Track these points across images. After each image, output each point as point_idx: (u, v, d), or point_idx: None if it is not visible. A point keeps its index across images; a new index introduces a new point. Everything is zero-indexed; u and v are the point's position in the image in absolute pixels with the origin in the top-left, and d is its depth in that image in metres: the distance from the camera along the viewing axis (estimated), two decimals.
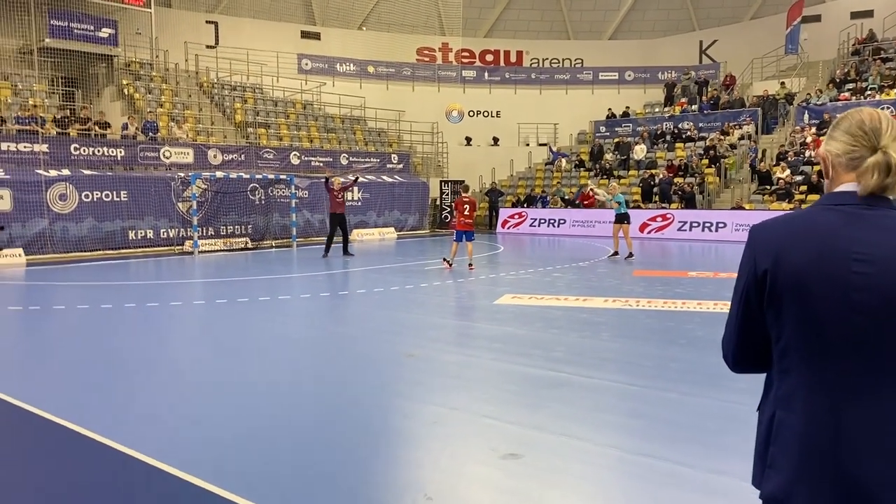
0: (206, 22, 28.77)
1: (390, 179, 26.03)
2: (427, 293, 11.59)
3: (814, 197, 19.75)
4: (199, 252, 18.77)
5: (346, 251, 17.48)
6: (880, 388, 1.71)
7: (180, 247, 19.36)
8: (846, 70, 26.57)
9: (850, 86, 25.42)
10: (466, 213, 14.30)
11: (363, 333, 8.48)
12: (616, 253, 16.74)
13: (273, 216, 21.70)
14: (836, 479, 1.74)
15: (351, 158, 25.63)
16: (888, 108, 22.55)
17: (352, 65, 31.73)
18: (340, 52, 31.62)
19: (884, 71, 25.28)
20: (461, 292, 11.81)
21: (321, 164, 24.44)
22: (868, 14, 28.62)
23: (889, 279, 1.68)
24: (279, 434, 4.90)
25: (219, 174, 20.12)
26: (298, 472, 4.25)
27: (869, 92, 24.46)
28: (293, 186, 21.31)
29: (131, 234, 19.10)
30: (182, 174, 19.90)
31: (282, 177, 21.71)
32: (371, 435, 4.89)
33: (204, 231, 19.86)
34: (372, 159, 26.39)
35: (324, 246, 17.76)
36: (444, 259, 14.85)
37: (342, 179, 18.83)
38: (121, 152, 19.94)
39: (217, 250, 19.49)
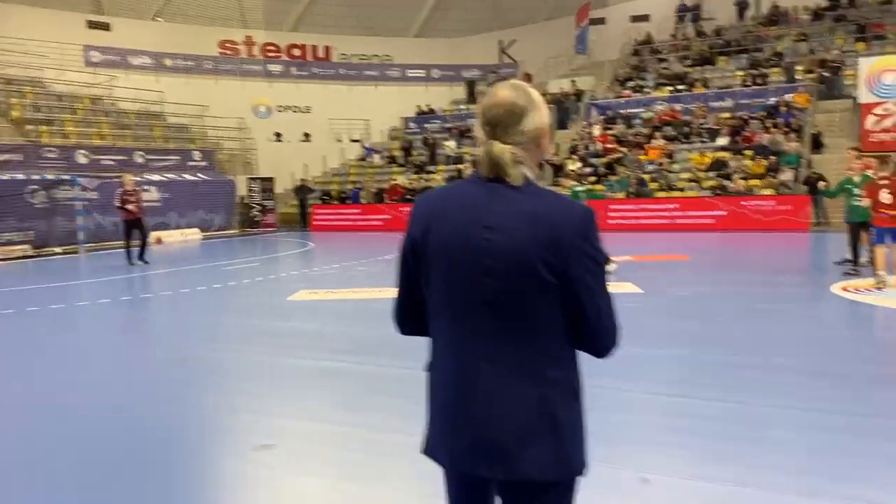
0: None
1: (192, 178, 24.80)
2: (223, 294, 11.19)
3: (600, 187, 21.31)
4: None
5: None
6: (506, 345, 1.83)
7: None
8: (627, 69, 28.97)
9: (631, 83, 27.73)
10: None
11: (144, 339, 8.04)
12: None
13: (57, 220, 19.83)
14: (468, 432, 1.83)
15: (147, 156, 24.12)
16: (662, 104, 24.91)
17: (147, 57, 29.80)
18: (133, 43, 29.58)
19: (659, 70, 27.86)
20: (257, 290, 11.51)
21: (113, 163, 22.78)
22: (645, 18, 31.40)
23: (508, 245, 1.80)
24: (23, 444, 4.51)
25: None
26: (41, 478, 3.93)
27: (646, 89, 26.85)
28: (78, 187, 19.64)
29: None
30: None
31: (64, 177, 19.94)
32: (126, 441, 4.63)
33: None
34: (171, 157, 25.00)
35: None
36: None
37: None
38: None
39: None
